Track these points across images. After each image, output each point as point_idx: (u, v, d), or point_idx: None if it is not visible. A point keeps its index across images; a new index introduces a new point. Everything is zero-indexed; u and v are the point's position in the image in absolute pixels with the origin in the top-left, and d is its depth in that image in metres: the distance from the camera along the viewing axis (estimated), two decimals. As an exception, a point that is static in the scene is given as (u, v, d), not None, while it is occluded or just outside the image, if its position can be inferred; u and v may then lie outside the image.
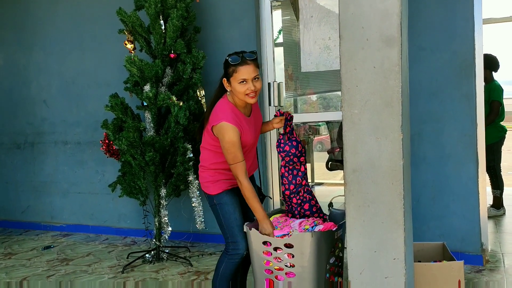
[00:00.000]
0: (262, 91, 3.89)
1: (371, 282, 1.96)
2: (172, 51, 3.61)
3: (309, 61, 3.85)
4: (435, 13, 3.30)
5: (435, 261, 2.57)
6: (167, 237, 3.77)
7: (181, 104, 3.54)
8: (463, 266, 2.39)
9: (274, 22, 4.05)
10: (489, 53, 4.72)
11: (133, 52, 3.62)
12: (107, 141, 3.77)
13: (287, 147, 2.43)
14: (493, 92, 4.58)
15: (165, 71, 3.65)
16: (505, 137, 4.76)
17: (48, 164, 5.00)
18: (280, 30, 4.71)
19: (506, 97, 4.94)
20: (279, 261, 2.30)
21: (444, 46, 3.29)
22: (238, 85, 2.28)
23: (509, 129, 4.95)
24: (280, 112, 2.50)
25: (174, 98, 3.53)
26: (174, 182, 3.69)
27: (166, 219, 3.74)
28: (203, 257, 3.85)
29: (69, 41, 4.78)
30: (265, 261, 2.34)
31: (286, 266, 2.29)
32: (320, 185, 7.18)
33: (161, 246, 3.81)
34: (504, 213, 4.77)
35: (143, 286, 3.28)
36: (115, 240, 4.50)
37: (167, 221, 3.74)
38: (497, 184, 4.75)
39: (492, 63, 4.69)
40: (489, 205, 4.71)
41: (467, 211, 3.31)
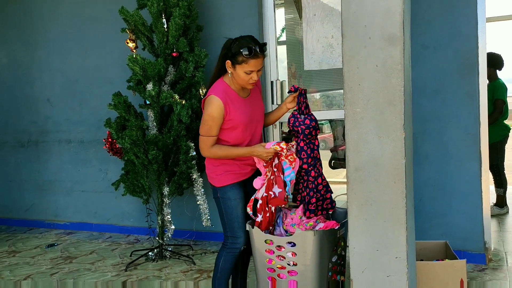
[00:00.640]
0: (264, 89, 3.89)
1: (373, 281, 1.96)
2: (175, 50, 3.62)
3: (312, 60, 3.85)
4: (438, 11, 3.29)
5: (437, 260, 2.57)
6: (170, 235, 3.78)
7: (183, 102, 3.54)
8: (466, 265, 2.39)
9: (277, 20, 4.04)
10: (493, 52, 4.70)
11: (134, 51, 3.63)
12: (110, 140, 3.78)
13: (308, 121, 2.43)
14: (497, 90, 4.57)
15: (167, 70, 3.65)
16: (508, 136, 4.74)
17: (52, 163, 5.02)
18: (283, 28, 4.70)
19: (510, 95, 4.92)
20: (282, 259, 2.31)
21: (447, 44, 3.28)
22: (243, 73, 2.31)
23: (513, 127, 4.93)
24: (294, 87, 2.47)
25: (176, 97, 3.53)
26: (177, 181, 3.69)
27: (169, 217, 3.75)
28: (206, 255, 3.86)
29: (72, 39, 4.79)
30: (267, 259, 2.34)
31: (289, 264, 2.30)
32: (323, 183, 7.15)
33: (164, 244, 3.82)
34: (508, 212, 4.76)
35: (146, 284, 3.29)
36: (118, 238, 4.52)
37: (170, 219, 3.75)
38: (500, 182, 4.74)
39: (496, 61, 4.67)
40: (492, 204, 4.70)
41: (470, 209, 3.30)
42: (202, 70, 3.70)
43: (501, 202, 4.75)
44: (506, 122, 4.75)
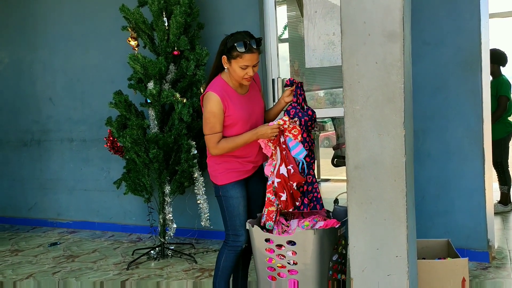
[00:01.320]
0: (266, 87, 3.88)
1: (374, 280, 1.94)
2: (176, 48, 3.61)
3: (314, 57, 3.82)
4: (439, 7, 3.26)
5: (439, 258, 2.55)
6: (172, 234, 3.77)
7: (184, 101, 3.53)
8: (468, 264, 2.37)
9: (279, 18, 4.02)
10: (497, 48, 4.67)
11: (136, 49, 3.62)
12: (111, 138, 3.78)
13: (310, 111, 2.45)
14: (501, 87, 4.53)
15: (168, 68, 3.64)
16: (512, 133, 4.71)
17: (54, 162, 5.03)
18: (286, 25, 4.68)
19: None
20: (282, 258, 2.29)
21: (449, 41, 3.25)
22: (238, 68, 2.32)
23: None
24: (290, 80, 2.46)
25: (177, 95, 3.53)
26: (178, 179, 3.69)
27: (170, 216, 3.74)
28: (207, 254, 3.85)
29: (73, 39, 4.79)
30: (268, 258, 2.33)
31: (289, 263, 2.29)
32: (326, 181, 7.16)
33: (165, 243, 3.81)
34: (512, 209, 4.73)
35: (148, 283, 3.29)
36: (120, 237, 4.52)
37: (171, 218, 3.75)
38: (504, 180, 4.71)
39: (500, 57, 4.63)
40: (496, 201, 4.66)
41: (473, 207, 3.27)
42: (203, 69, 3.69)
43: (505, 199, 4.72)
44: (510, 119, 4.71)
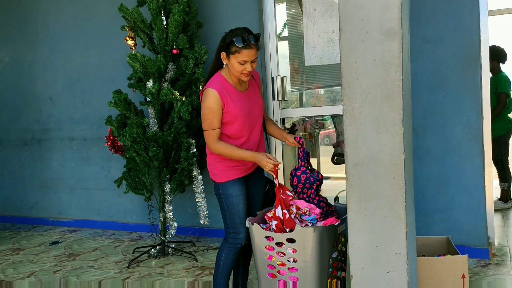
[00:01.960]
0: (266, 85, 3.88)
1: (373, 277, 1.95)
2: (175, 47, 3.61)
3: (313, 55, 3.82)
4: (439, 4, 3.26)
5: (439, 255, 2.55)
6: (172, 232, 3.78)
7: (184, 99, 3.53)
8: (467, 261, 2.37)
9: (278, 15, 4.02)
10: (496, 45, 4.66)
11: (134, 48, 3.62)
12: (111, 137, 3.79)
13: (319, 175, 2.55)
14: (501, 84, 4.53)
15: (167, 67, 3.64)
16: (512, 129, 4.70)
17: (55, 161, 5.04)
18: (285, 23, 4.68)
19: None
20: (282, 255, 2.30)
21: (448, 38, 3.25)
22: (237, 64, 2.33)
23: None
24: (300, 141, 2.58)
25: (177, 94, 3.53)
26: (178, 178, 3.69)
27: (171, 214, 3.75)
28: (208, 252, 3.86)
29: (73, 38, 4.79)
30: (268, 256, 2.34)
31: (289, 261, 2.29)
32: (326, 179, 7.15)
33: (166, 241, 3.82)
34: (512, 206, 4.73)
35: (148, 281, 3.30)
36: (121, 235, 4.53)
37: (172, 216, 3.75)
38: (504, 177, 4.71)
39: (499, 54, 4.63)
40: (496, 198, 4.66)
41: (473, 204, 3.27)
42: (202, 67, 3.69)
43: (505, 196, 4.72)
44: (510, 115, 4.71)
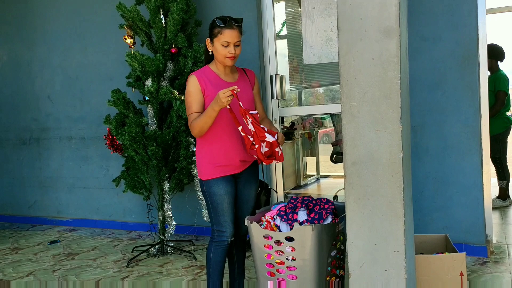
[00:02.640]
0: (264, 83, 3.88)
1: (372, 275, 1.95)
2: (173, 45, 3.61)
3: (312, 53, 3.82)
4: (437, 2, 3.26)
5: (437, 253, 2.56)
6: (171, 231, 3.79)
7: (182, 98, 3.53)
8: (465, 258, 2.38)
9: (277, 14, 4.02)
10: (494, 43, 4.67)
11: (132, 47, 3.62)
12: (110, 136, 3.79)
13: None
14: (499, 82, 4.54)
15: (166, 66, 3.64)
16: (511, 128, 4.71)
17: (53, 160, 5.04)
18: (284, 22, 4.68)
19: (512, 87, 4.88)
20: (281, 254, 2.30)
21: (446, 36, 3.25)
22: (220, 46, 2.37)
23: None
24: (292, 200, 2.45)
25: (175, 92, 3.53)
26: (177, 176, 3.69)
27: (170, 213, 3.75)
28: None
29: (72, 36, 4.79)
30: (266, 254, 2.34)
31: (287, 259, 2.29)
32: (325, 177, 7.17)
33: (165, 240, 3.82)
34: (510, 204, 4.74)
35: (147, 280, 3.30)
36: (120, 234, 4.53)
37: (171, 215, 3.76)
38: (503, 175, 4.72)
39: (497, 53, 4.64)
40: (495, 196, 4.68)
41: (471, 202, 3.28)
42: (201, 66, 3.69)
43: (503, 194, 4.73)
44: (508, 113, 4.71)
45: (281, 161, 2.40)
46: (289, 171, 5.90)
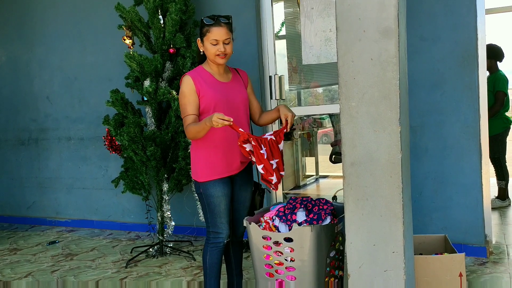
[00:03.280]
0: (263, 84, 3.88)
1: (371, 276, 1.95)
2: (172, 46, 3.61)
3: (311, 54, 3.82)
4: (436, 3, 3.26)
5: (436, 254, 2.56)
6: (170, 231, 3.78)
7: (181, 98, 3.53)
8: (464, 259, 2.37)
9: (276, 14, 4.02)
10: (493, 43, 4.67)
11: (132, 47, 3.62)
12: (109, 137, 3.78)
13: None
14: (498, 82, 4.54)
15: (165, 66, 3.64)
16: (510, 128, 4.71)
17: (52, 160, 5.03)
18: (283, 22, 4.67)
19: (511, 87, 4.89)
20: (280, 255, 2.30)
21: (445, 36, 3.25)
22: (210, 45, 2.37)
23: (514, 119, 4.88)
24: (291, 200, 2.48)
25: (174, 93, 3.52)
26: (176, 177, 3.69)
27: (169, 213, 3.75)
28: (206, 251, 3.86)
29: (70, 37, 4.78)
30: (265, 255, 2.34)
31: (286, 260, 2.29)
32: (324, 178, 7.17)
33: (164, 240, 3.82)
34: (510, 204, 4.74)
35: (146, 281, 3.30)
36: (119, 235, 4.53)
37: (170, 215, 3.75)
38: (502, 175, 4.72)
39: (496, 53, 4.64)
40: (494, 197, 4.67)
41: (470, 203, 3.28)
42: (200, 66, 3.69)
43: (503, 194, 4.73)
44: (507, 114, 4.71)
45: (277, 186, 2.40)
46: (288, 171, 5.90)
